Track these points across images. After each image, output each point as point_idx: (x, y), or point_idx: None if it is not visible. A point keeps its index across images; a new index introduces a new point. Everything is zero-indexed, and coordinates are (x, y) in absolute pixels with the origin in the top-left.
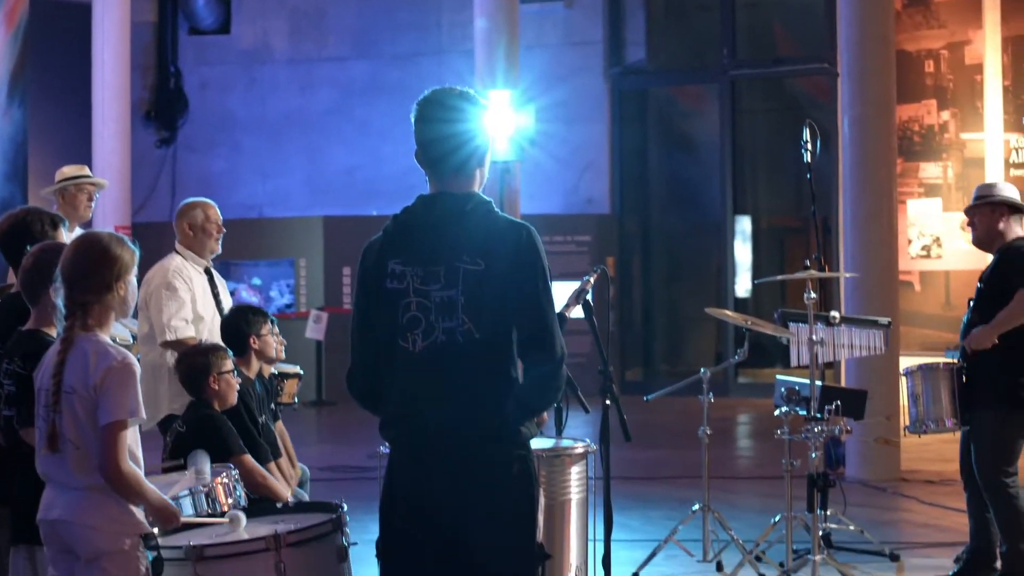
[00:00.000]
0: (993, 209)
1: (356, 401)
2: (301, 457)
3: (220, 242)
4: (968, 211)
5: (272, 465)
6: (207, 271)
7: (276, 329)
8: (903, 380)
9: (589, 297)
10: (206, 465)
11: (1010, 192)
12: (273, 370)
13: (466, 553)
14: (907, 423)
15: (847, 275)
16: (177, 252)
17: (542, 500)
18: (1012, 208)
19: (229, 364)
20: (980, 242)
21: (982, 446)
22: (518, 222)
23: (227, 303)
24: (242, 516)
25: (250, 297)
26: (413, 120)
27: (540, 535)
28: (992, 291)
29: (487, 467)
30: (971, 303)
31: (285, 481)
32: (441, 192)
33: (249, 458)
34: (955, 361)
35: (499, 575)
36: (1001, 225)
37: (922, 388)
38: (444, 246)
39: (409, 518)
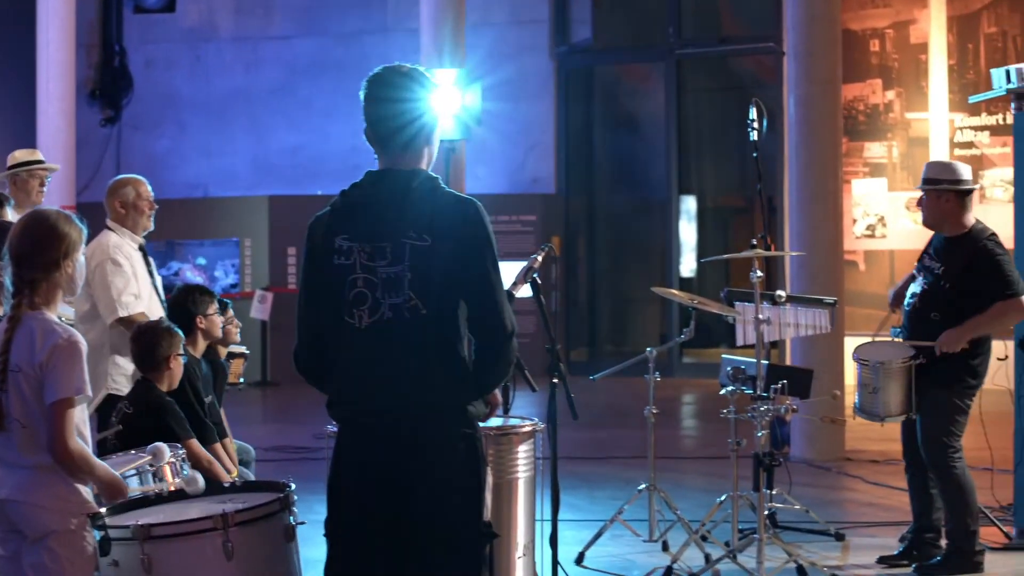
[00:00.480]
0: (939, 195)
1: (302, 377)
2: (247, 437)
3: (152, 218)
4: (919, 190)
5: (218, 445)
6: (141, 248)
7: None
8: (855, 365)
9: (536, 276)
10: (165, 454)
11: (959, 173)
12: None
13: (413, 532)
14: (855, 404)
15: (793, 254)
16: (110, 229)
17: (489, 479)
18: (960, 192)
19: (180, 347)
20: (930, 225)
21: (929, 423)
22: (465, 198)
23: (158, 282)
24: (165, 448)
25: (195, 277)
26: (362, 98)
27: (487, 514)
28: (958, 287)
29: (434, 445)
30: (921, 288)
31: (232, 461)
32: (388, 169)
33: (195, 443)
34: (900, 338)
35: (446, 554)
36: (949, 210)
37: (875, 381)
38: (391, 222)
39: (357, 497)
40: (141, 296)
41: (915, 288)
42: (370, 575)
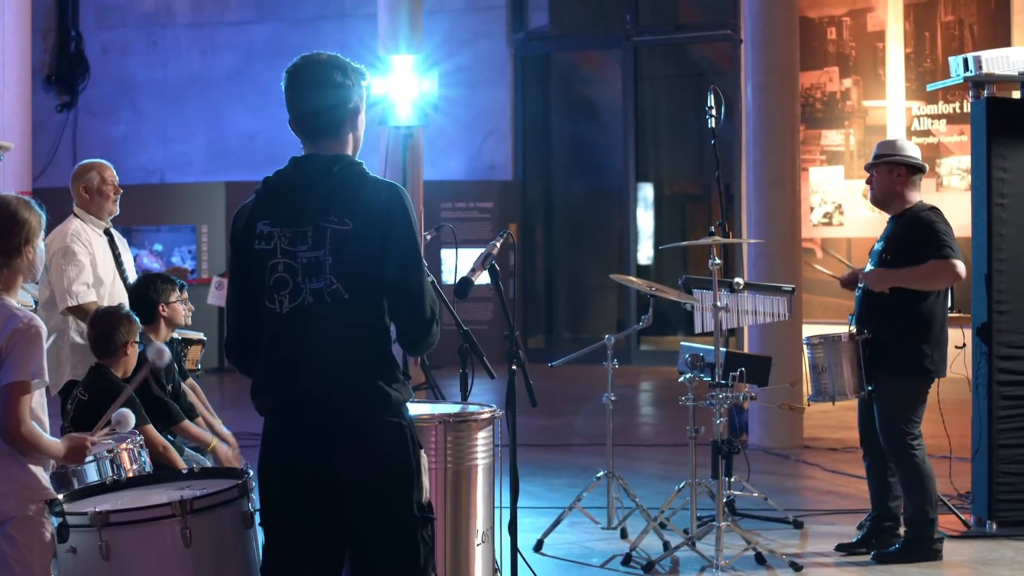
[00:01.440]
0: (891, 169)
1: (236, 368)
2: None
3: (118, 203)
4: (867, 168)
5: (185, 424)
6: (107, 232)
7: (186, 295)
8: (804, 350)
9: (495, 263)
10: (130, 420)
11: (911, 151)
12: (176, 336)
13: (345, 519)
14: (809, 393)
15: (751, 241)
16: (75, 215)
17: (425, 460)
18: (911, 168)
19: (137, 334)
20: (877, 201)
21: (887, 410)
22: (387, 181)
23: (129, 265)
24: (129, 414)
25: (151, 263)
26: (284, 88)
27: (426, 496)
28: (898, 258)
29: (358, 432)
30: (869, 265)
31: (212, 431)
32: (311, 154)
33: (151, 428)
34: (854, 329)
35: (378, 539)
36: (899, 186)
37: (825, 360)
38: (311, 206)
39: (286, 486)
40: (103, 281)
41: (866, 269)
42: (307, 565)
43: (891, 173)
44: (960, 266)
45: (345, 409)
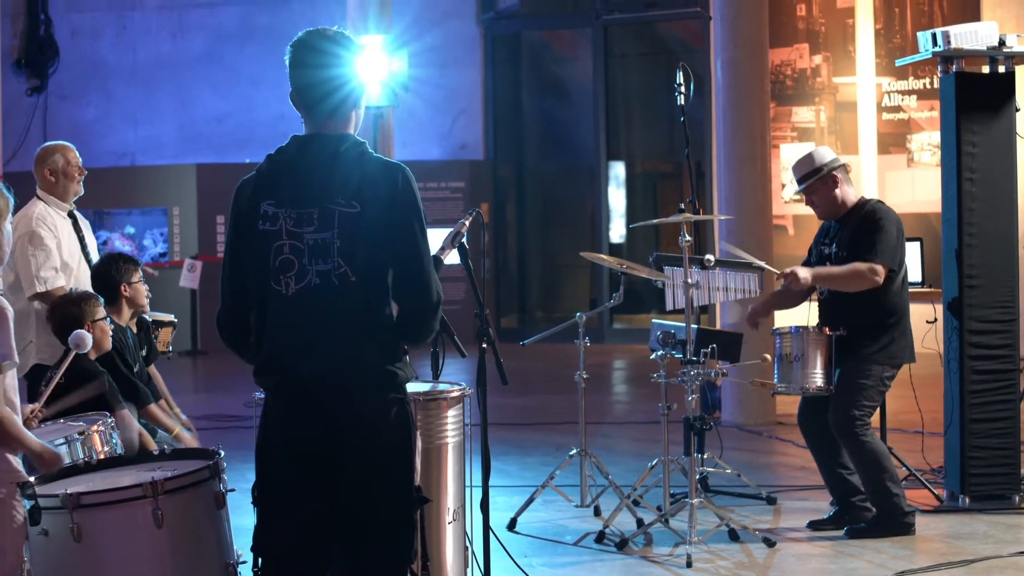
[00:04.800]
0: (824, 181)
1: (225, 344)
2: (176, 405)
3: (82, 184)
4: (802, 192)
5: (152, 407)
6: (71, 215)
7: (143, 277)
8: (773, 340)
9: (464, 241)
10: (87, 340)
11: (828, 156)
12: (147, 317)
13: (343, 497)
14: (776, 385)
15: (721, 217)
16: (39, 198)
17: (419, 443)
18: (837, 167)
19: (101, 311)
20: (827, 216)
21: (843, 392)
22: (393, 163)
23: (92, 247)
24: (86, 336)
25: (123, 246)
26: (287, 63)
27: (417, 478)
28: (855, 254)
29: (363, 411)
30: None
31: (176, 418)
32: (315, 134)
33: (127, 412)
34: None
35: (377, 519)
36: (837, 191)
37: (795, 350)
38: (317, 188)
39: (286, 464)
40: (69, 265)
41: None
42: (302, 542)
43: (825, 185)
44: (880, 273)
45: (350, 389)
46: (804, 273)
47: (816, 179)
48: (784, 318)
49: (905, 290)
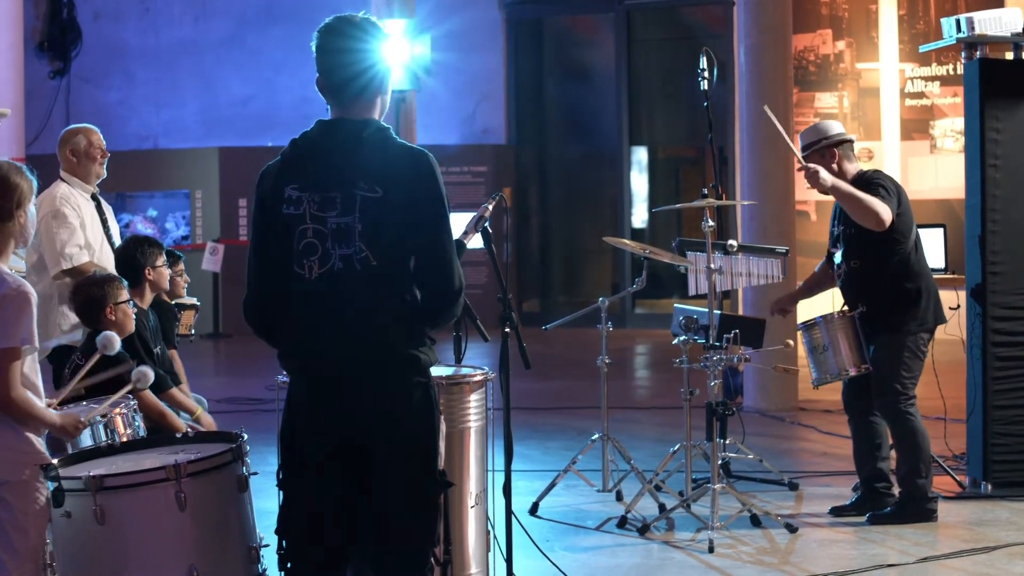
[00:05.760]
0: (822, 154)
1: (251, 329)
2: (198, 389)
3: (105, 166)
4: (801, 167)
5: (173, 391)
6: (94, 197)
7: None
8: (799, 335)
9: (487, 225)
10: (149, 376)
11: (835, 129)
12: (169, 301)
13: (368, 481)
14: (812, 378)
15: (745, 203)
16: (62, 179)
17: (443, 427)
18: (840, 143)
19: (125, 294)
20: (827, 191)
21: (883, 369)
22: (417, 149)
23: (115, 230)
24: (149, 371)
25: (145, 229)
26: (314, 48)
27: (441, 462)
28: (862, 231)
29: (388, 395)
30: (841, 254)
31: (193, 402)
32: (340, 118)
33: (149, 393)
34: (846, 308)
35: (402, 503)
36: (834, 166)
37: (823, 339)
38: (341, 172)
39: (311, 448)
40: (92, 246)
41: (837, 259)
42: (326, 525)
43: (823, 158)
44: (886, 215)
45: (374, 373)
46: (826, 174)
47: (814, 150)
48: (808, 309)
49: (921, 255)
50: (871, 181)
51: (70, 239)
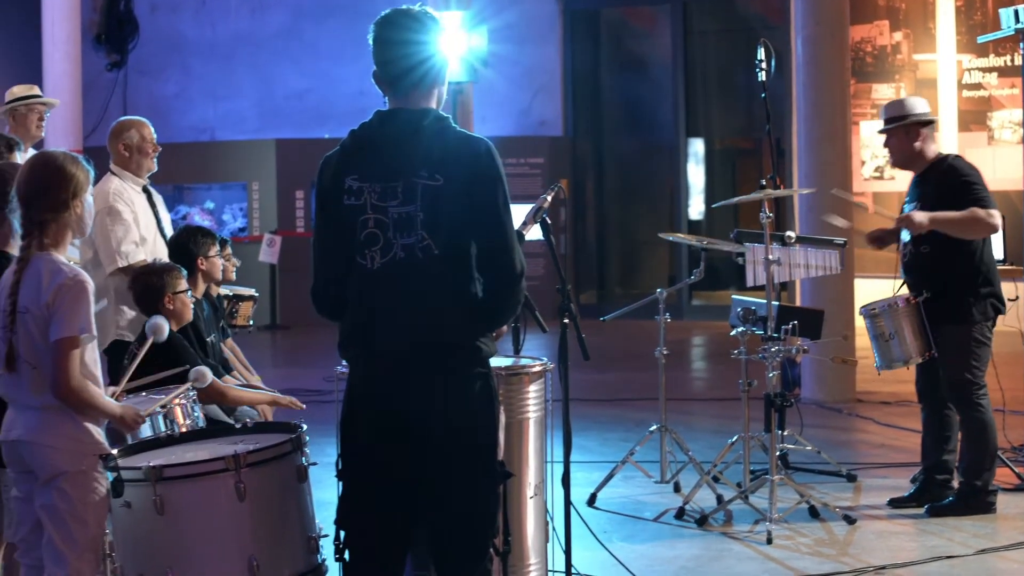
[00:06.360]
0: (907, 131)
1: (322, 317)
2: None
3: (156, 160)
4: (882, 133)
5: (227, 379)
6: (145, 190)
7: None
8: (863, 321)
9: (546, 216)
10: (207, 376)
11: (920, 107)
12: (227, 292)
13: (428, 471)
14: (876, 362)
15: (803, 191)
16: (113, 173)
17: (502, 417)
18: (924, 123)
19: (184, 283)
20: (899, 164)
21: (950, 361)
22: (476, 137)
23: (167, 222)
24: (207, 371)
25: (202, 221)
26: (371, 41)
27: (500, 453)
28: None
29: (448, 384)
30: (909, 235)
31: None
32: (398, 108)
33: (214, 380)
34: (906, 291)
35: (462, 494)
36: (917, 144)
37: (888, 328)
38: (401, 161)
39: (371, 438)
40: (146, 239)
41: (905, 238)
42: (385, 515)
43: (907, 135)
44: (996, 218)
45: (435, 362)
46: (921, 216)
47: (899, 125)
48: (867, 283)
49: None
50: (957, 174)
51: (125, 236)
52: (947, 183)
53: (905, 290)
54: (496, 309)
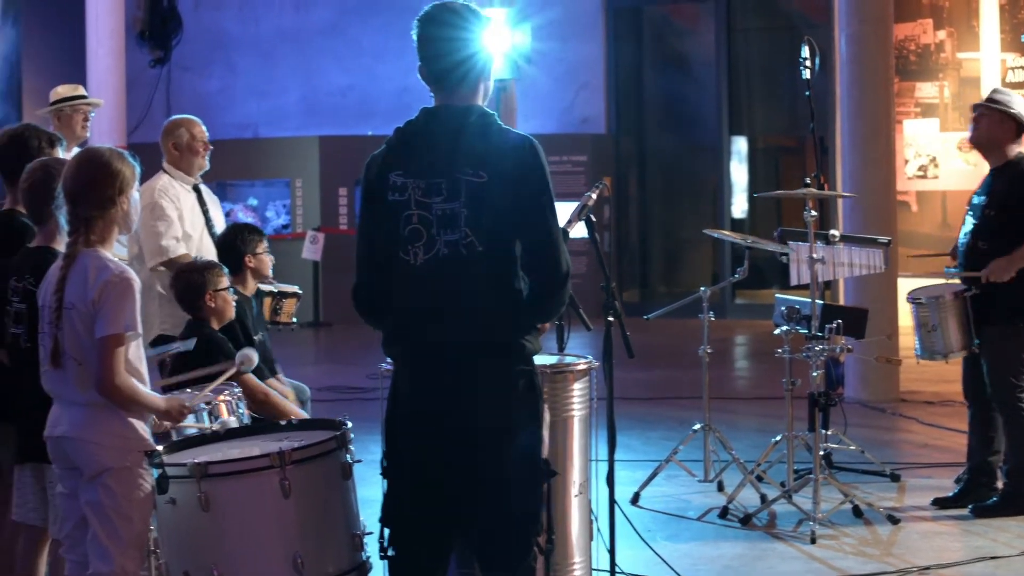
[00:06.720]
0: (1002, 119)
1: (361, 317)
2: (300, 377)
3: (208, 158)
4: (976, 107)
5: (271, 381)
6: (196, 188)
7: (266, 246)
8: (910, 307)
9: (591, 214)
10: (254, 359)
11: (1019, 105)
12: (272, 289)
13: (473, 469)
14: (916, 350)
15: (846, 195)
16: (165, 171)
17: (547, 416)
18: (1019, 125)
19: (225, 281)
20: (978, 143)
21: (995, 362)
22: (521, 134)
23: (218, 220)
24: (253, 354)
25: (246, 217)
26: (415, 36)
27: (545, 451)
28: (1001, 215)
29: (492, 382)
30: (971, 225)
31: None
32: (443, 105)
33: (251, 377)
34: (958, 282)
35: (506, 491)
36: (1004, 138)
37: (932, 320)
38: (445, 158)
39: (415, 435)
40: (191, 237)
41: (966, 228)
42: (430, 513)
43: (1001, 123)
44: None
45: (479, 360)
46: (1003, 263)
47: (996, 109)
48: (911, 283)
49: None
50: None
51: (167, 231)
52: (1020, 185)
53: (956, 281)
54: (541, 308)
